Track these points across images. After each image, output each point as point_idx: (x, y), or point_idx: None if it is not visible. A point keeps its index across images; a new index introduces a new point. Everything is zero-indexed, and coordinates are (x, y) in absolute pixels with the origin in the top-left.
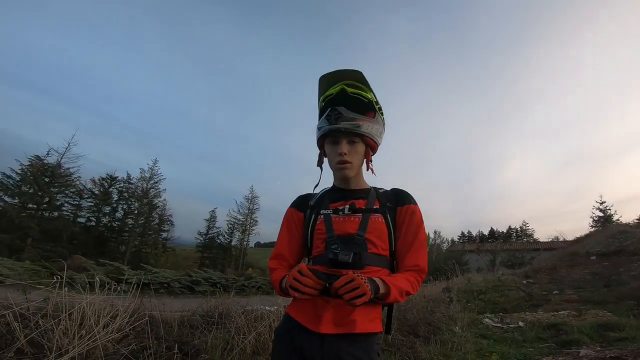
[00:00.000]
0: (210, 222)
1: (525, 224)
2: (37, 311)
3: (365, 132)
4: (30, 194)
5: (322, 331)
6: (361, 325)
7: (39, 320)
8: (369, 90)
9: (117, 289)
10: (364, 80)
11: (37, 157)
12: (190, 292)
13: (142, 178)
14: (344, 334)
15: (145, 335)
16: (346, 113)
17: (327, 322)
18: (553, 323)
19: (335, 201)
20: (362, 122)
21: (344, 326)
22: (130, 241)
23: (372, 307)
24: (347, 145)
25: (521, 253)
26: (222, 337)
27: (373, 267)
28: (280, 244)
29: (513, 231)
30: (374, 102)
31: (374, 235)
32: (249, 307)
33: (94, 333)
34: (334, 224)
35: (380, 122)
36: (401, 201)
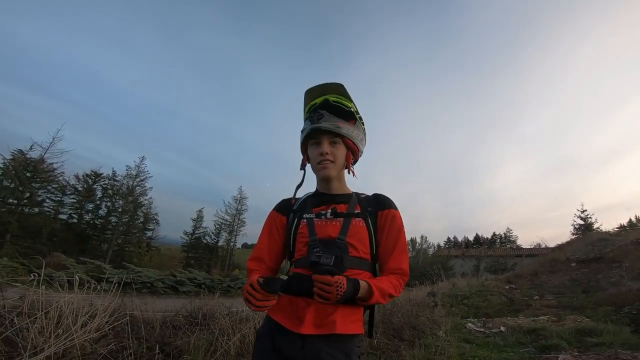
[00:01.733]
0: (197, 221)
1: (509, 230)
2: (12, 309)
3: (346, 134)
4: (11, 189)
5: (302, 332)
6: (341, 326)
7: (14, 318)
8: (350, 101)
9: (97, 288)
10: (345, 93)
11: (19, 151)
12: (174, 292)
13: (128, 175)
14: (324, 335)
15: (125, 335)
16: (328, 116)
17: (307, 323)
18: (533, 328)
19: (317, 206)
20: (343, 124)
21: (324, 327)
22: (113, 239)
23: (353, 309)
24: (329, 146)
25: (504, 259)
26: (206, 338)
27: (354, 270)
28: (260, 246)
29: (497, 237)
30: (355, 111)
31: (355, 239)
32: (234, 308)
33: (71, 332)
34: (317, 228)
35: (361, 129)
36: (382, 206)
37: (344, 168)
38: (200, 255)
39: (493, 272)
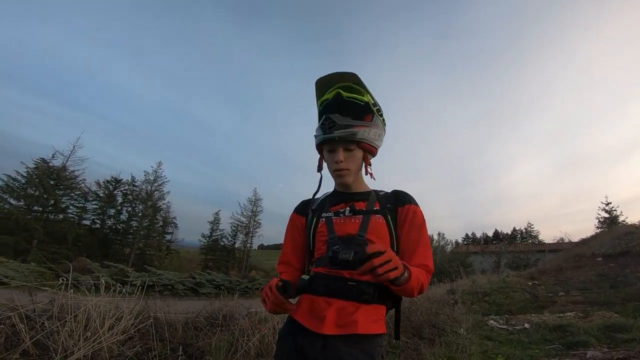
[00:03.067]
0: (214, 224)
1: (530, 225)
2: (42, 313)
3: (361, 139)
4: (36, 197)
5: (323, 332)
6: (363, 326)
7: (44, 322)
8: (366, 93)
9: (121, 290)
10: (359, 83)
11: (42, 159)
12: (194, 294)
13: (147, 180)
14: (346, 335)
15: (149, 337)
16: (340, 120)
17: (329, 323)
18: (559, 325)
19: (336, 204)
20: (358, 128)
21: (346, 327)
22: (134, 243)
23: (375, 308)
24: (344, 153)
25: (526, 254)
26: (226, 339)
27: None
28: (285, 250)
29: (518, 233)
30: (371, 104)
31: (374, 236)
32: (252, 309)
33: (99, 335)
34: (335, 226)
35: (378, 124)
36: (401, 202)
37: (361, 169)
38: (218, 257)
39: (514, 268)
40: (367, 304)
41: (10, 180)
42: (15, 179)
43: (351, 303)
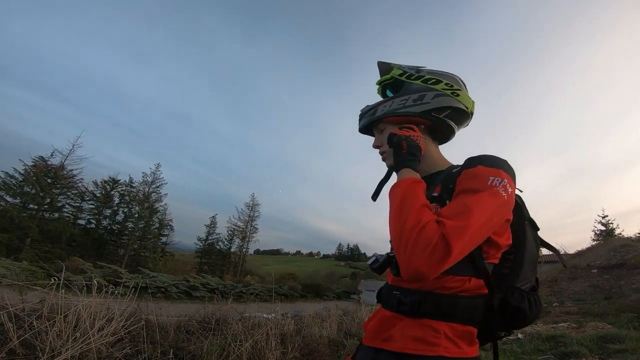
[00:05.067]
0: (211, 228)
1: None
2: (32, 312)
3: (380, 115)
4: (32, 195)
5: (364, 343)
6: (399, 343)
7: (33, 321)
8: (392, 68)
9: (114, 292)
10: (382, 65)
11: (41, 158)
12: (188, 297)
13: (145, 182)
14: (382, 351)
15: (140, 339)
16: (364, 109)
17: (367, 334)
18: (552, 335)
19: None
20: (379, 105)
21: (382, 341)
22: (129, 244)
23: (426, 324)
24: (380, 136)
25: None
26: (219, 343)
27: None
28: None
29: None
30: (398, 75)
31: None
32: (246, 313)
33: (89, 336)
34: None
35: (412, 88)
36: (463, 170)
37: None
38: (213, 261)
39: None
40: (407, 316)
41: (7, 177)
42: (12, 176)
43: (394, 315)
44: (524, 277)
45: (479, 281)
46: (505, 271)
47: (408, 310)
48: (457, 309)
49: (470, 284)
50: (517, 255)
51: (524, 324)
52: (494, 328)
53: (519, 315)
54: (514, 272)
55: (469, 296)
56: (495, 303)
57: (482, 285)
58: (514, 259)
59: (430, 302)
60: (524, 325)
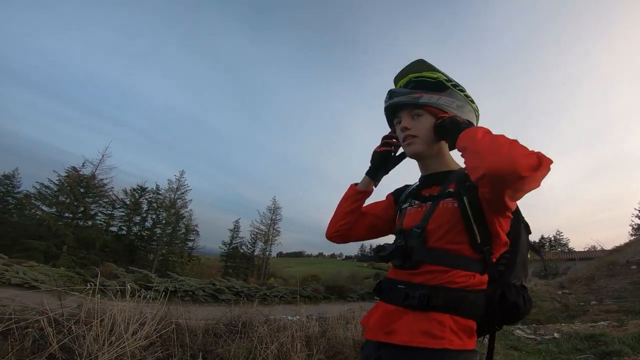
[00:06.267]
0: (234, 232)
1: (559, 233)
2: (70, 317)
3: (427, 102)
4: (67, 204)
5: (365, 337)
6: (405, 336)
7: (71, 326)
8: (437, 72)
9: (146, 296)
10: (426, 65)
11: (73, 168)
12: (214, 300)
13: (170, 189)
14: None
15: (171, 343)
16: (401, 90)
17: (369, 328)
18: (591, 334)
19: (413, 192)
20: (424, 94)
21: (388, 335)
22: (158, 250)
23: (432, 317)
24: (410, 120)
25: (555, 263)
26: (245, 346)
27: (434, 266)
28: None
29: (546, 241)
30: (444, 79)
31: (438, 225)
32: (271, 316)
33: (123, 340)
34: (405, 218)
35: (456, 96)
36: None
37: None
38: (237, 264)
39: (543, 277)
40: (414, 310)
41: (43, 187)
42: (47, 186)
43: (398, 309)
44: (516, 275)
45: (482, 277)
46: (500, 269)
47: (417, 303)
48: (463, 303)
49: (475, 280)
50: (511, 254)
51: (518, 318)
52: (492, 322)
53: (515, 310)
54: (508, 270)
55: (472, 291)
56: (497, 298)
57: (484, 281)
58: (509, 257)
59: (441, 296)
60: (518, 320)
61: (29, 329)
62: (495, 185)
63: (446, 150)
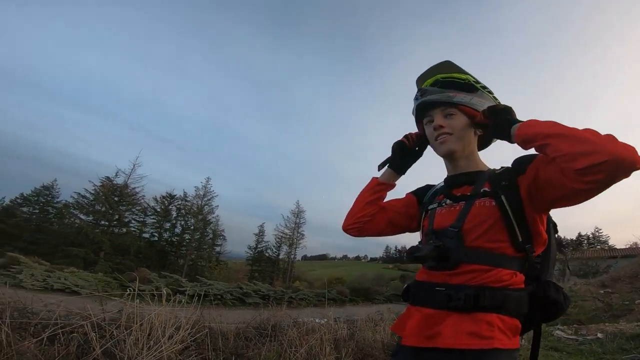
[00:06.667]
0: (259, 236)
1: (597, 230)
2: (111, 322)
3: (461, 102)
4: (103, 212)
5: (403, 343)
6: (450, 339)
7: (113, 330)
8: (465, 73)
9: (180, 300)
10: (455, 67)
11: (107, 178)
12: (241, 303)
13: (197, 195)
14: (437, 349)
15: (205, 347)
16: (433, 89)
17: (407, 334)
18: (638, 333)
19: (443, 192)
20: (457, 94)
21: (430, 339)
22: (187, 255)
23: (475, 318)
24: (443, 119)
25: (595, 261)
26: (275, 349)
27: (473, 266)
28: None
29: (584, 238)
30: (473, 81)
31: (475, 224)
32: (299, 319)
33: (161, 344)
34: (436, 218)
35: (487, 98)
36: (522, 165)
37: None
38: (263, 267)
39: (582, 276)
40: (459, 312)
41: (80, 197)
42: (84, 196)
43: (438, 311)
44: (551, 273)
45: (522, 276)
46: (537, 267)
47: (462, 305)
48: (509, 302)
49: (517, 278)
50: (545, 252)
51: (558, 315)
52: (536, 319)
53: (557, 307)
54: (544, 268)
55: (516, 289)
56: (540, 295)
57: (524, 279)
58: (543, 256)
59: (487, 295)
60: (559, 316)
61: (74, 333)
62: (612, 173)
63: (476, 151)
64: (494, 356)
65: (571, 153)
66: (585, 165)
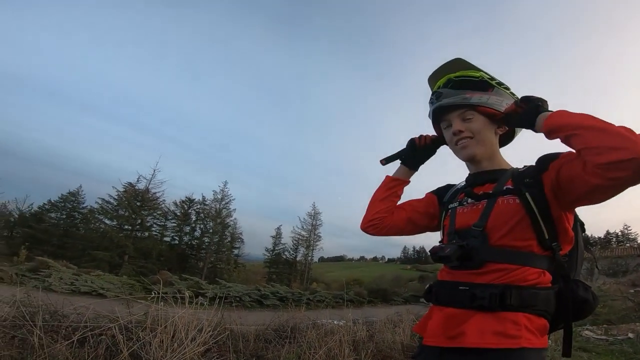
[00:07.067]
0: (276, 238)
1: (626, 227)
2: (137, 324)
3: (478, 102)
4: (126, 217)
5: (425, 343)
6: (475, 338)
7: (139, 333)
8: (478, 70)
9: (202, 303)
10: (467, 64)
11: (129, 183)
12: (259, 305)
13: (215, 199)
14: (461, 349)
15: (226, 348)
16: (448, 91)
17: (429, 333)
18: None
19: (464, 191)
20: (473, 94)
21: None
22: (206, 258)
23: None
24: (462, 123)
25: (625, 259)
26: (294, 351)
27: (500, 265)
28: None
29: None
30: (488, 78)
31: (500, 223)
32: (318, 321)
33: (184, 346)
34: (457, 217)
35: (503, 94)
36: (545, 164)
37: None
38: (280, 270)
39: (611, 275)
40: (484, 311)
41: (104, 203)
42: (108, 201)
43: (462, 311)
44: (579, 272)
45: (549, 275)
46: (565, 266)
47: (487, 304)
48: (536, 301)
49: (544, 277)
50: (573, 251)
51: (587, 315)
52: (565, 319)
53: (586, 306)
54: (571, 267)
55: (543, 288)
56: (568, 294)
57: (551, 278)
58: (570, 254)
59: (515, 295)
60: (587, 316)
61: (102, 336)
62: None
63: (498, 151)
64: (522, 356)
65: (599, 146)
66: (610, 160)
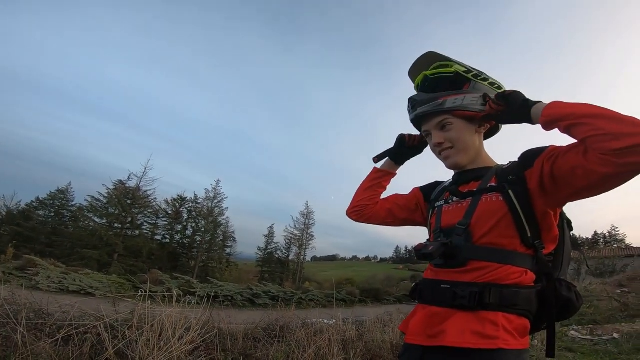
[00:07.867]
0: (269, 237)
1: (614, 228)
2: (124, 322)
3: (452, 107)
4: (116, 215)
5: (406, 341)
6: (455, 337)
7: (125, 331)
8: (453, 63)
9: (190, 302)
10: (439, 58)
11: (120, 181)
12: (251, 304)
13: (207, 198)
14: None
15: (214, 347)
16: (422, 97)
17: (410, 332)
18: None
19: (449, 189)
20: (446, 97)
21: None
22: (198, 257)
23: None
24: (439, 132)
25: (612, 260)
26: (283, 350)
27: (483, 263)
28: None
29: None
30: (463, 72)
31: (484, 220)
32: (308, 320)
33: (171, 345)
34: (443, 215)
35: (480, 87)
36: (530, 159)
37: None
38: (273, 269)
39: (598, 275)
40: (464, 310)
41: (94, 200)
42: (98, 199)
43: (444, 309)
44: (564, 271)
45: (532, 274)
46: (549, 264)
47: (467, 303)
48: (517, 300)
49: (527, 276)
50: (557, 250)
51: (570, 315)
52: (547, 319)
53: (569, 306)
54: (556, 266)
55: (525, 287)
56: (551, 294)
57: (534, 278)
58: (555, 254)
59: (493, 293)
60: (572, 315)
61: (87, 334)
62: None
63: (483, 149)
64: (499, 356)
65: (613, 132)
66: (627, 145)
